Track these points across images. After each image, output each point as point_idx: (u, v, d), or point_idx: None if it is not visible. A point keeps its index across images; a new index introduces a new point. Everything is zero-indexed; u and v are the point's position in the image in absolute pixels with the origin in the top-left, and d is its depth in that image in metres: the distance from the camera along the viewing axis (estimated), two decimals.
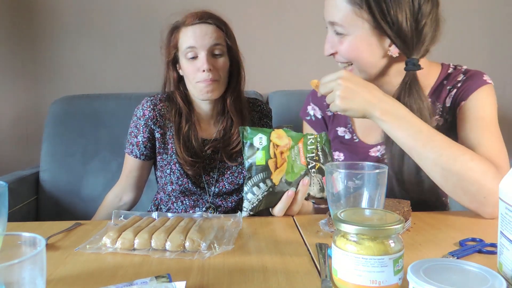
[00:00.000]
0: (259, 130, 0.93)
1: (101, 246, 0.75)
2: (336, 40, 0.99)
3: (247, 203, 0.92)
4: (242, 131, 0.94)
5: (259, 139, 0.92)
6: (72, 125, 1.74)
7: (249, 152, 0.92)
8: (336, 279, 0.58)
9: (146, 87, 1.92)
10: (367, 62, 0.98)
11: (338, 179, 0.73)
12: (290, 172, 0.93)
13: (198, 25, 1.20)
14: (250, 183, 0.92)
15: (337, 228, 0.58)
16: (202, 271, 0.66)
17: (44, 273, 0.45)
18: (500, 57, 2.04)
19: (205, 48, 1.18)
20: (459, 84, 1.03)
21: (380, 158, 1.10)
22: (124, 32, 1.96)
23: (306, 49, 2.00)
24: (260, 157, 0.91)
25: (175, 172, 1.27)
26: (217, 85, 1.22)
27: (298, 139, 0.95)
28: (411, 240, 0.77)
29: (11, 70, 1.94)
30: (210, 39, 1.19)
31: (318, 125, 1.21)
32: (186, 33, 1.21)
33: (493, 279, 0.47)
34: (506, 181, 0.60)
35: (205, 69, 1.17)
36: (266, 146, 0.92)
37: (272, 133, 0.93)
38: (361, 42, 0.96)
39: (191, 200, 1.31)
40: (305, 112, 1.23)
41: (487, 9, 2.02)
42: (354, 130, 1.15)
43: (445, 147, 0.87)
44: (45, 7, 1.92)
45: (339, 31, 0.96)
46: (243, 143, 0.93)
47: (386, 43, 0.96)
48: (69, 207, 1.69)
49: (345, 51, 0.97)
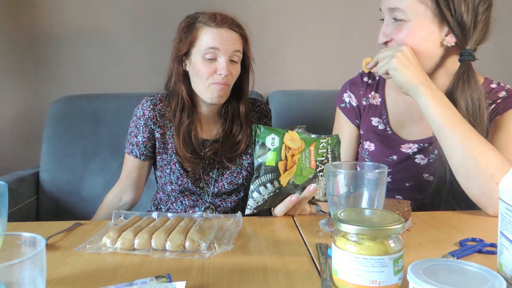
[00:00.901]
0: (273, 130, 0.92)
1: (101, 246, 0.75)
2: (393, 28, 1.00)
3: (252, 201, 0.92)
4: (255, 129, 0.92)
5: (272, 140, 0.91)
6: (72, 125, 1.74)
7: (260, 151, 0.91)
8: (336, 279, 0.58)
9: (146, 87, 1.92)
10: (423, 50, 0.99)
11: (338, 179, 0.73)
12: (298, 175, 0.92)
13: (225, 29, 1.20)
14: (257, 182, 0.91)
15: (337, 228, 0.58)
16: (202, 271, 0.66)
17: (44, 273, 0.45)
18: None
19: (227, 54, 1.19)
20: (499, 101, 1.05)
21: (411, 156, 1.11)
22: (124, 32, 1.96)
23: (307, 49, 2.00)
24: (270, 158, 0.90)
25: (175, 172, 1.27)
26: (228, 90, 1.23)
27: (310, 143, 0.94)
28: (411, 240, 0.77)
29: (11, 70, 1.94)
30: (233, 46, 1.20)
31: (352, 113, 1.21)
32: (210, 34, 1.19)
33: (493, 279, 0.47)
34: (506, 181, 0.60)
35: (223, 74, 1.18)
36: (278, 147, 0.90)
37: (286, 134, 0.92)
38: (421, 28, 0.98)
39: (190, 200, 1.31)
40: (341, 99, 1.24)
41: None
42: (388, 122, 1.16)
43: (472, 133, 0.92)
44: (45, 7, 1.92)
45: (399, 17, 0.98)
46: (255, 141, 0.92)
47: (444, 32, 0.98)
48: (69, 207, 1.69)
49: (403, 38, 0.99)
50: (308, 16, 1.97)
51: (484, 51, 1.02)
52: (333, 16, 1.96)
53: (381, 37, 1.04)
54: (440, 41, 0.99)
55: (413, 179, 1.12)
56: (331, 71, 1.98)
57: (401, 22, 0.98)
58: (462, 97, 0.98)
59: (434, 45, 1.00)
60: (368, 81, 1.21)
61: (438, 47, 1.00)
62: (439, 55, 1.02)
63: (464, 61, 0.99)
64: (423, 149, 1.11)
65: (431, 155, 1.09)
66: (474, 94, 0.98)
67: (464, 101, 0.98)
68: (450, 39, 0.99)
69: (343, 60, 1.96)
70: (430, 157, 1.10)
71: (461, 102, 0.98)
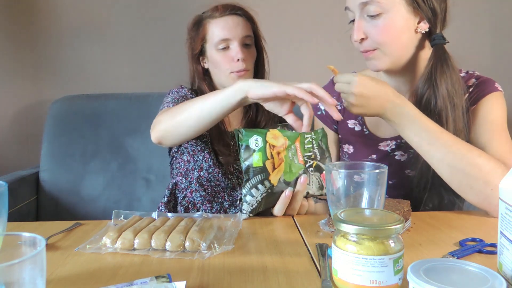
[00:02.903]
0: (254, 131, 0.92)
1: (101, 246, 0.75)
2: (367, 24, 0.99)
3: (247, 205, 0.92)
4: (237, 133, 0.93)
5: (255, 141, 0.91)
6: (72, 125, 1.74)
7: (246, 155, 0.91)
8: (336, 279, 0.58)
9: (147, 87, 1.92)
10: (401, 40, 0.99)
11: (338, 179, 0.73)
12: (288, 172, 0.92)
13: (230, 16, 1.23)
14: (248, 185, 0.91)
15: (337, 228, 0.58)
16: (202, 271, 0.66)
17: (44, 273, 0.45)
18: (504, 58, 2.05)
19: (238, 38, 1.22)
20: (471, 89, 1.05)
21: (390, 153, 1.11)
22: (124, 32, 1.96)
23: (306, 49, 2.00)
24: (257, 159, 0.91)
25: (208, 160, 1.26)
26: (249, 75, 1.25)
27: (294, 138, 0.95)
28: (411, 240, 0.77)
29: (11, 70, 1.94)
30: (242, 30, 1.22)
31: (329, 119, 1.21)
32: (217, 24, 1.23)
33: (493, 279, 0.47)
34: (506, 181, 0.60)
35: (240, 59, 1.20)
36: (262, 147, 0.91)
37: (267, 133, 0.92)
38: (398, 17, 0.97)
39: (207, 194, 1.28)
40: (316, 107, 1.24)
41: (491, 10, 2.02)
42: (364, 122, 1.16)
43: (452, 145, 0.90)
44: (45, 7, 1.92)
45: (374, 11, 0.97)
46: (239, 146, 0.92)
47: (417, 19, 0.99)
48: (69, 207, 1.69)
49: (380, 31, 0.98)
50: (308, 16, 1.98)
51: (484, 51, 1.02)
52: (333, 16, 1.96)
53: (356, 33, 1.00)
54: (414, 29, 1.00)
55: (395, 176, 1.12)
56: (331, 71, 1.98)
57: (376, 16, 0.97)
58: (442, 80, 0.98)
59: (410, 33, 1.00)
60: None
61: (414, 35, 1.00)
62: (415, 44, 1.02)
63: (437, 45, 1.00)
64: (401, 145, 1.11)
65: (410, 150, 1.08)
66: (453, 75, 0.98)
67: (445, 84, 0.98)
68: (423, 25, 0.99)
69: (343, 60, 1.96)
70: (409, 152, 1.10)
71: (442, 85, 0.98)
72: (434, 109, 0.99)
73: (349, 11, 1.03)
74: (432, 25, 0.99)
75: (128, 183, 1.68)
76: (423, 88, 1.00)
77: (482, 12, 2.02)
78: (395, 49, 1.00)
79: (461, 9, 1.98)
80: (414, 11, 0.98)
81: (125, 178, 1.69)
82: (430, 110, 0.99)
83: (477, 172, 0.87)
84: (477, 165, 0.88)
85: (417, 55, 1.03)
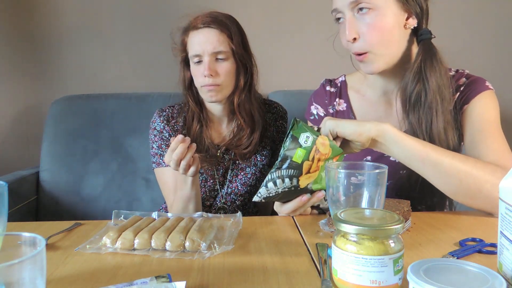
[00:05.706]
0: (310, 129, 0.90)
1: (101, 246, 0.75)
2: (358, 23, 0.98)
3: (265, 190, 0.90)
4: (294, 122, 0.90)
5: (306, 137, 0.89)
6: (72, 125, 1.74)
7: (291, 145, 0.89)
8: (336, 279, 0.58)
9: (146, 87, 1.92)
10: (393, 37, 0.99)
11: (338, 178, 0.73)
12: (317, 183, 0.91)
13: (202, 29, 1.21)
14: (276, 174, 0.89)
15: (337, 228, 0.58)
16: (202, 271, 0.66)
17: (44, 273, 0.45)
18: (502, 59, 2.05)
19: (208, 54, 1.20)
20: (462, 88, 1.05)
21: (385, 155, 1.11)
22: (124, 32, 1.96)
23: (306, 49, 2.00)
24: (299, 154, 0.88)
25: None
26: (219, 89, 1.23)
27: (336, 154, 0.91)
28: (411, 240, 0.77)
29: (11, 70, 1.94)
30: (211, 45, 1.20)
31: None
32: (193, 38, 1.22)
33: (493, 279, 0.47)
34: (506, 181, 0.60)
35: (206, 75, 1.19)
36: (309, 146, 0.88)
37: (320, 137, 0.90)
38: (389, 13, 0.97)
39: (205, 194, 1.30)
40: (309, 112, 1.25)
41: (490, 10, 2.02)
42: None
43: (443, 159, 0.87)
44: (45, 7, 1.92)
45: (365, 7, 0.96)
46: (288, 133, 0.90)
47: (405, 15, 0.99)
48: (69, 207, 1.69)
49: (372, 29, 0.97)
50: (308, 16, 1.98)
51: (484, 51, 1.02)
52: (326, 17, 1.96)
53: (348, 33, 0.98)
54: (403, 25, 1.00)
55: (390, 177, 1.11)
56: (331, 71, 1.97)
57: (366, 13, 0.96)
58: (432, 74, 0.98)
59: (400, 29, 1.00)
60: (330, 90, 1.23)
61: (403, 31, 1.01)
62: (405, 40, 1.02)
63: (425, 40, 1.00)
64: None
65: None
66: (441, 69, 0.99)
67: (435, 77, 0.98)
68: (412, 21, 1.00)
69: (343, 60, 1.96)
70: None
71: (431, 78, 0.98)
72: (424, 103, 0.99)
73: (337, 13, 1.01)
74: (419, 21, 1.00)
75: (128, 183, 1.68)
76: (413, 82, 1.00)
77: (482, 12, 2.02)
78: (388, 48, 0.99)
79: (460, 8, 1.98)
80: (403, 7, 0.98)
81: (125, 178, 1.69)
82: (420, 104, 1.00)
83: (476, 182, 0.85)
84: (474, 176, 0.85)
85: (406, 52, 1.04)
